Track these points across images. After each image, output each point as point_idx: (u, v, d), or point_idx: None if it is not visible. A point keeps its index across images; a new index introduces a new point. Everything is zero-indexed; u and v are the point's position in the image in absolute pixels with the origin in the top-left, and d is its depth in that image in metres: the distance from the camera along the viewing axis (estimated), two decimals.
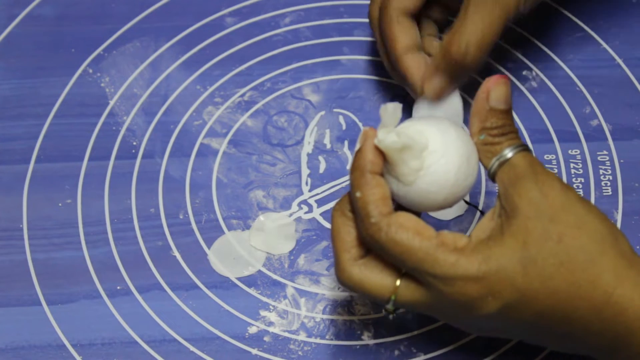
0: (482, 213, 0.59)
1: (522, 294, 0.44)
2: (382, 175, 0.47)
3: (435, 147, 0.46)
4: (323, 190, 0.62)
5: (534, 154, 0.47)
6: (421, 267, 0.45)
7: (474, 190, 0.61)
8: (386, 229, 0.45)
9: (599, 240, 0.45)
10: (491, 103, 0.47)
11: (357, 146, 0.47)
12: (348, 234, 0.47)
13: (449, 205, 0.48)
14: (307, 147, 0.63)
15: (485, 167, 0.48)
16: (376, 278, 0.47)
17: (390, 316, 0.48)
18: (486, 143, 0.47)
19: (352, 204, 0.47)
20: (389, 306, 0.47)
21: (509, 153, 0.46)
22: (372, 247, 0.47)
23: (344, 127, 0.64)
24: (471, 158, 0.47)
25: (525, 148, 0.47)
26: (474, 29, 0.54)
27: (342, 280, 0.47)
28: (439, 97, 0.57)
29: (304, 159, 0.63)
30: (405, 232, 0.45)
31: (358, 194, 0.46)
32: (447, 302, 0.46)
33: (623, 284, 0.44)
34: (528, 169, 0.46)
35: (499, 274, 0.44)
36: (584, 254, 0.44)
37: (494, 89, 0.47)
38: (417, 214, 0.49)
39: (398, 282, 0.47)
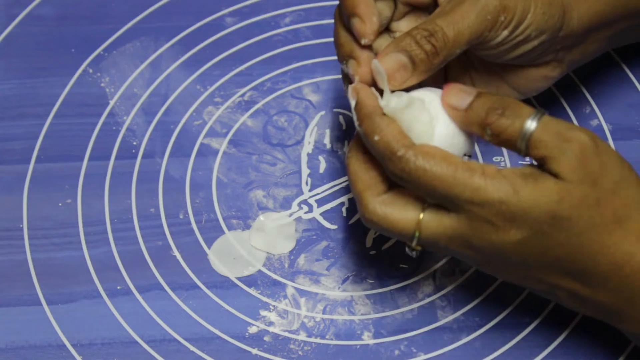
0: None
1: (546, 238, 0.46)
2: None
3: (432, 97, 0.48)
4: (323, 190, 0.62)
5: (547, 117, 0.46)
6: (451, 192, 0.45)
7: None
8: (414, 159, 0.46)
9: (631, 205, 0.46)
10: (461, 106, 0.47)
11: (353, 102, 0.48)
12: (367, 172, 0.48)
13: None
14: (307, 147, 0.64)
15: (518, 152, 0.47)
16: (399, 213, 0.48)
17: (414, 253, 0.49)
18: (495, 133, 0.46)
19: (363, 150, 0.48)
20: (413, 243, 0.48)
21: (530, 126, 0.46)
22: (401, 182, 0.47)
23: (344, 127, 0.64)
24: None
25: (542, 114, 0.46)
26: (469, 20, 0.49)
27: (367, 216, 0.48)
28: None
29: (304, 159, 0.63)
30: (433, 159, 0.46)
31: (376, 137, 0.47)
32: (471, 229, 0.46)
33: None
34: (556, 139, 0.45)
35: (525, 211, 0.45)
36: (614, 217, 0.46)
37: (449, 96, 0.47)
38: None
39: (421, 216, 0.47)
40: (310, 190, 0.62)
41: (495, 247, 0.47)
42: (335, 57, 0.67)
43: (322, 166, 0.63)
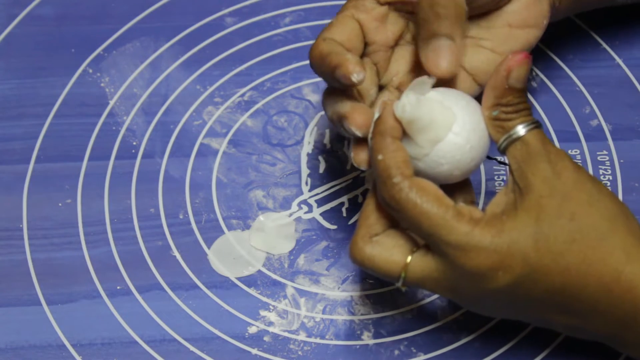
0: (504, 164, 0.61)
1: (533, 270, 0.45)
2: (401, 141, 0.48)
3: (444, 93, 0.49)
4: (323, 190, 0.62)
5: (543, 131, 0.47)
6: (437, 232, 0.46)
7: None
8: (407, 190, 0.46)
9: (610, 218, 0.46)
10: (510, 82, 0.47)
11: (376, 115, 0.48)
12: (371, 213, 0.49)
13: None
14: (307, 147, 0.64)
15: (495, 141, 0.48)
16: (387, 254, 0.48)
17: (403, 289, 0.49)
18: (498, 119, 0.48)
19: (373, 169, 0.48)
20: (399, 284, 0.48)
21: (521, 130, 0.47)
22: (389, 210, 0.48)
23: None
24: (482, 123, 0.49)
25: (536, 126, 0.47)
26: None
27: (353, 254, 0.49)
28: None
29: (303, 159, 0.63)
30: (426, 196, 0.46)
31: (380, 157, 0.47)
32: (457, 275, 0.46)
33: (633, 262, 0.45)
34: (541, 148, 0.46)
35: (511, 248, 0.45)
36: (596, 231, 0.45)
37: (516, 68, 0.47)
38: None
39: (409, 259, 0.48)
40: (310, 190, 0.62)
41: (483, 293, 0.47)
42: None
43: (322, 166, 0.63)
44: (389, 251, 0.48)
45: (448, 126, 0.47)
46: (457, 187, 0.50)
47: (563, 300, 0.46)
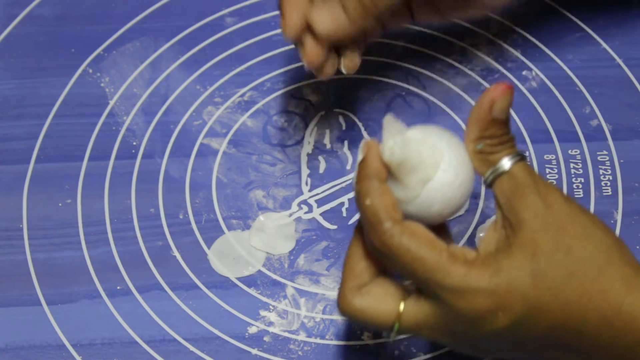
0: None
1: (532, 307, 0.44)
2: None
3: (429, 133, 0.47)
4: (323, 190, 0.62)
5: (528, 163, 0.46)
6: (432, 277, 0.44)
7: (474, 191, 0.61)
8: (399, 236, 0.44)
9: (606, 249, 0.44)
10: (494, 114, 0.45)
11: (360, 157, 0.46)
12: (357, 262, 0.47)
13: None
14: (307, 147, 0.64)
15: (481, 175, 0.47)
16: (378, 304, 0.46)
17: (392, 339, 0.48)
18: (483, 152, 0.46)
19: (360, 216, 0.46)
20: (392, 335, 0.46)
21: (506, 164, 0.46)
22: (378, 255, 0.46)
23: (344, 127, 0.64)
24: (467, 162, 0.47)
25: (521, 158, 0.46)
26: None
27: (343, 309, 0.47)
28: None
29: (304, 159, 0.63)
30: (418, 240, 0.44)
31: (368, 202, 0.45)
32: (455, 319, 0.45)
33: (633, 293, 0.44)
34: (529, 181, 0.45)
35: (509, 287, 0.44)
36: (593, 263, 0.44)
37: (500, 99, 0.45)
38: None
39: (402, 307, 0.46)
40: (310, 191, 0.62)
41: (483, 335, 0.45)
42: None
43: (322, 166, 0.63)
44: (379, 301, 0.46)
45: (437, 164, 0.45)
46: (436, 229, 0.47)
47: (565, 336, 0.45)
